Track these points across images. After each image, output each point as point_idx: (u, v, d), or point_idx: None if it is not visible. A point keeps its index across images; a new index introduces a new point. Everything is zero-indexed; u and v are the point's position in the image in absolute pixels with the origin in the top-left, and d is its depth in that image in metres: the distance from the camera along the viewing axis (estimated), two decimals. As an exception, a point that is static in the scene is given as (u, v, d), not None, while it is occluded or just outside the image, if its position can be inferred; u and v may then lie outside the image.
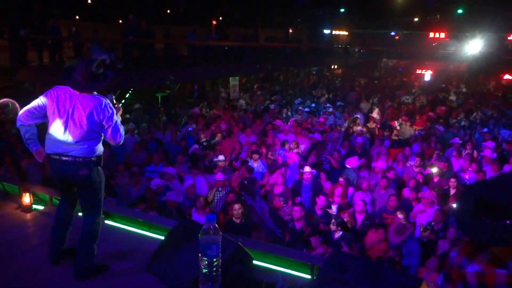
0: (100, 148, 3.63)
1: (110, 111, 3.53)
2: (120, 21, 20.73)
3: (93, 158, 3.57)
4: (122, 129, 3.66)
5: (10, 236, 4.46)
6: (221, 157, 9.00)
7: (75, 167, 3.53)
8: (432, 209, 7.15)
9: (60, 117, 3.50)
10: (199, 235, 2.77)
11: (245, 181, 8.21)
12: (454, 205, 7.55)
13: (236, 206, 6.64)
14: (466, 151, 10.21)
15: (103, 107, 3.49)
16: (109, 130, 3.56)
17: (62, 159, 3.55)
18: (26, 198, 4.98)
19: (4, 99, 4.18)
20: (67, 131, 3.50)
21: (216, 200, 7.88)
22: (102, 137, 3.63)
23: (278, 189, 8.04)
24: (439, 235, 6.58)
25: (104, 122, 3.51)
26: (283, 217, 7.08)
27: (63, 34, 14.61)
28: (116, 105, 3.73)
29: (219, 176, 7.97)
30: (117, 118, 3.63)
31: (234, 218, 6.60)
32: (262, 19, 25.43)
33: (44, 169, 7.99)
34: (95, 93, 3.58)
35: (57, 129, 3.52)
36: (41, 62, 12.75)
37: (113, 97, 3.78)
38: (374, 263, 4.68)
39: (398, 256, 5.76)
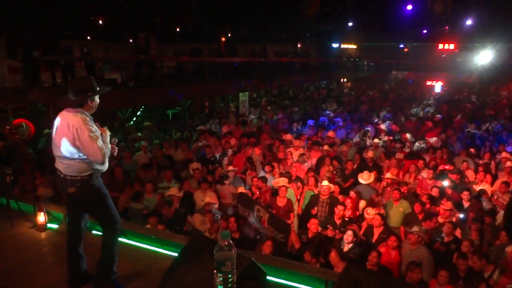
0: (87, 167, 3.52)
1: (81, 131, 3.41)
2: (131, 40, 20.96)
3: (78, 177, 3.52)
4: (101, 148, 3.46)
5: (25, 255, 4.49)
6: (231, 168, 9.22)
7: (64, 184, 3.57)
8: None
9: (53, 135, 3.65)
10: (214, 251, 2.77)
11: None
12: (461, 216, 7.48)
13: (231, 219, 6.80)
14: (483, 161, 10.06)
15: (75, 127, 3.41)
16: (83, 150, 3.44)
17: (57, 174, 3.65)
18: (41, 217, 5.03)
19: (18, 120, 4.25)
20: (56, 149, 3.59)
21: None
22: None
23: (282, 202, 7.95)
24: (450, 248, 6.47)
25: (77, 143, 3.43)
26: (285, 221, 7.04)
27: (75, 55, 14.79)
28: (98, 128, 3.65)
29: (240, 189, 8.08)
30: (96, 137, 3.45)
31: (232, 233, 6.55)
32: (270, 35, 25.59)
33: (56, 187, 7.99)
34: (80, 114, 3.49)
35: (53, 146, 3.64)
36: (54, 82, 12.90)
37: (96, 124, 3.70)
38: (389, 277, 4.63)
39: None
